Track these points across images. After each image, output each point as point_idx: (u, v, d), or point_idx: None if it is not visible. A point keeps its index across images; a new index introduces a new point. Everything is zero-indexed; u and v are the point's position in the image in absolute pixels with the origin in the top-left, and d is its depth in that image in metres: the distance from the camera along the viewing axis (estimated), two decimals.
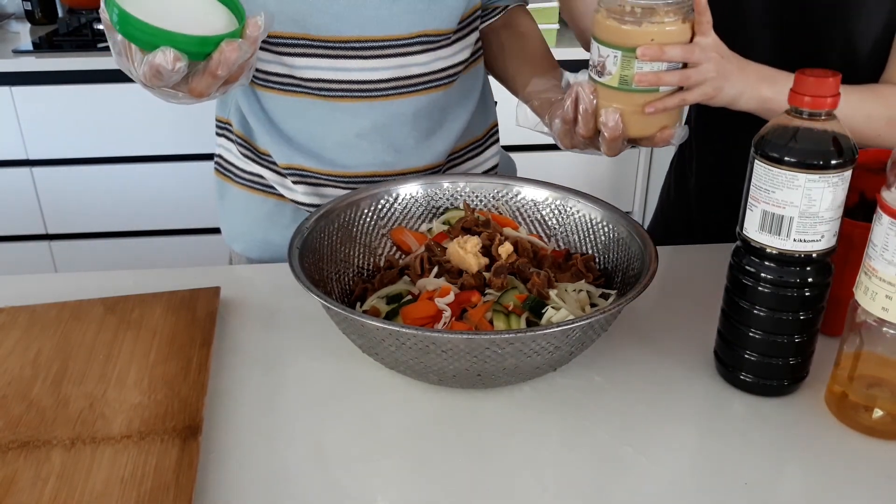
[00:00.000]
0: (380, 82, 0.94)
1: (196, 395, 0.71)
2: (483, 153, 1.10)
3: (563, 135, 0.84)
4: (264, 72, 0.95)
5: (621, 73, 0.77)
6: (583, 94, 0.80)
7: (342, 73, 0.93)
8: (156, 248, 2.26)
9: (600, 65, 0.79)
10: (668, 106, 0.78)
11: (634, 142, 0.83)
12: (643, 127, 0.80)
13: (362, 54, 0.92)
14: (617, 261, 0.84)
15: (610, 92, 0.79)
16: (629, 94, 0.78)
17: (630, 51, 0.76)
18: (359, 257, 0.88)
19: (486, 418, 0.71)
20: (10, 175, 2.12)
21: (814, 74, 0.64)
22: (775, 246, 0.67)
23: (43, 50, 2.06)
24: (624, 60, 0.76)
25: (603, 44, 0.78)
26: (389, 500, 0.63)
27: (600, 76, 0.79)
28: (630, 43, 0.76)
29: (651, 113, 0.78)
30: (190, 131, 2.09)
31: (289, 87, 0.95)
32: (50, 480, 0.61)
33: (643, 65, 0.76)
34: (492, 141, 1.12)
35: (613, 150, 0.82)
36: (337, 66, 0.93)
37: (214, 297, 0.86)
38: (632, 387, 0.75)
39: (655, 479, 0.64)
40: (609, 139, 0.80)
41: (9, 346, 0.78)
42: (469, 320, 0.75)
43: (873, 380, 0.69)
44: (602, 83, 0.79)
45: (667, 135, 0.80)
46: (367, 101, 0.95)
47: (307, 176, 0.99)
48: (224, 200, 1.09)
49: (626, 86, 0.78)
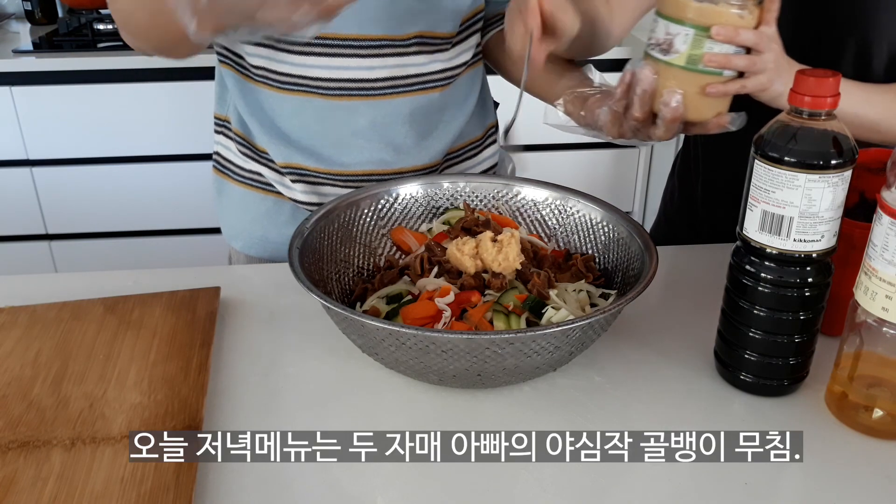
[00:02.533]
0: (377, 81, 0.94)
1: (196, 395, 0.71)
2: (481, 153, 1.10)
3: (612, 122, 0.83)
4: (262, 68, 0.95)
5: (690, 52, 0.76)
6: (642, 76, 0.78)
7: (340, 71, 0.93)
8: (156, 248, 2.25)
9: (666, 42, 0.77)
10: (728, 91, 0.77)
11: (688, 126, 0.81)
12: (702, 110, 0.79)
13: (360, 53, 0.92)
14: (617, 261, 0.84)
15: (673, 71, 0.77)
16: (693, 74, 0.77)
17: (704, 29, 0.75)
18: (359, 257, 0.88)
19: (486, 418, 0.71)
20: (10, 175, 2.11)
21: (814, 74, 0.64)
22: (775, 246, 0.67)
23: (43, 50, 2.06)
24: (696, 39, 0.75)
25: (674, 21, 0.76)
26: (389, 500, 0.63)
27: (665, 54, 0.77)
28: (706, 21, 0.74)
29: (712, 95, 0.77)
30: (190, 131, 2.09)
31: (287, 86, 0.95)
32: (50, 480, 0.61)
33: (714, 45, 0.75)
34: (490, 141, 1.12)
35: (670, 132, 0.81)
36: (335, 65, 0.93)
37: (214, 297, 0.86)
38: (632, 387, 0.75)
39: (655, 480, 0.64)
40: (669, 120, 0.79)
41: (9, 346, 0.78)
42: (469, 320, 0.75)
43: (873, 380, 0.69)
44: (667, 62, 0.77)
45: (723, 120, 0.80)
46: (364, 99, 0.95)
47: (305, 174, 0.99)
48: (222, 198, 1.09)
49: (693, 65, 0.76)
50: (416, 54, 0.95)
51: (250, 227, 1.07)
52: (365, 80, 0.94)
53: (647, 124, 0.82)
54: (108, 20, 2.16)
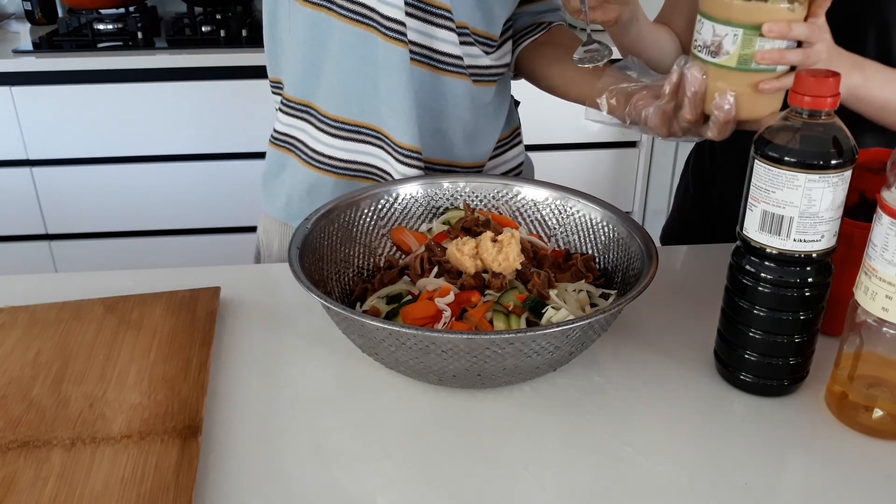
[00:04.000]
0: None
1: (196, 395, 0.71)
2: (509, 151, 1.12)
3: (661, 123, 0.82)
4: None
5: (741, 52, 0.75)
6: (691, 77, 0.78)
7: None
8: (156, 248, 2.25)
9: (715, 44, 0.76)
10: (783, 86, 0.76)
11: (741, 123, 0.80)
12: (756, 108, 0.78)
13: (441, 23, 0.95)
14: (617, 261, 0.84)
15: (723, 72, 0.76)
16: (745, 73, 0.75)
17: (753, 28, 0.73)
18: (359, 257, 0.88)
19: (486, 418, 0.71)
20: (10, 175, 2.11)
21: (814, 74, 0.64)
22: (775, 246, 0.67)
23: (43, 50, 2.06)
24: (745, 38, 0.74)
25: (721, 22, 0.75)
26: (389, 500, 0.63)
27: (714, 56, 0.76)
28: (755, 20, 0.73)
29: (766, 92, 0.76)
30: (190, 131, 2.09)
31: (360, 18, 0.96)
32: (50, 480, 0.61)
33: (765, 42, 0.74)
34: (517, 141, 1.14)
35: (724, 133, 0.80)
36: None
37: (214, 297, 0.86)
38: (632, 387, 0.75)
39: (655, 479, 0.64)
40: (722, 123, 0.78)
41: (9, 346, 0.78)
42: (469, 320, 0.75)
43: (873, 380, 0.69)
44: (717, 63, 0.76)
45: (777, 114, 0.80)
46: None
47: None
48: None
49: (745, 65, 0.75)
50: (473, 45, 0.98)
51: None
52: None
53: (699, 124, 0.81)
54: (108, 20, 2.16)
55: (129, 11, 2.22)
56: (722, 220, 1.15)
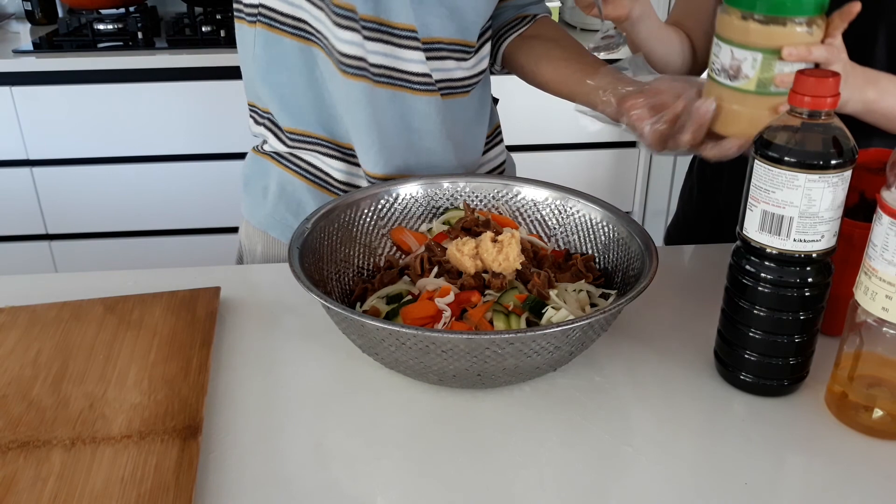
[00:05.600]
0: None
1: (196, 395, 0.71)
2: (490, 151, 1.11)
3: (657, 142, 0.83)
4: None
5: (760, 76, 0.75)
6: (703, 111, 0.79)
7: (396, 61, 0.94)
8: (156, 248, 2.25)
9: (734, 68, 0.76)
10: None
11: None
12: None
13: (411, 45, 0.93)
14: (617, 261, 0.84)
15: (742, 96, 0.77)
16: (764, 97, 0.76)
17: (773, 52, 0.74)
18: (359, 257, 0.88)
19: (486, 418, 0.71)
20: (10, 175, 2.11)
21: (814, 74, 0.64)
22: (775, 246, 0.67)
23: (43, 50, 2.06)
24: (765, 62, 0.74)
25: (739, 45, 0.75)
26: (389, 500, 0.63)
27: (733, 80, 0.76)
28: (774, 44, 0.74)
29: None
30: (190, 131, 2.09)
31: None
32: (50, 480, 0.61)
33: (784, 66, 0.74)
34: (497, 140, 1.13)
35: (728, 157, 0.82)
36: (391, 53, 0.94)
37: (214, 297, 0.86)
38: (632, 387, 0.75)
39: (655, 479, 0.64)
40: (736, 150, 0.80)
41: (9, 346, 0.78)
42: (469, 320, 0.75)
43: (873, 380, 0.69)
44: (736, 87, 0.77)
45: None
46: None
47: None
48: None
49: (764, 89, 0.76)
50: (445, 59, 0.96)
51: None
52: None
53: (697, 147, 0.82)
54: (109, 20, 2.16)
55: (129, 11, 2.22)
56: (729, 224, 1.15)
